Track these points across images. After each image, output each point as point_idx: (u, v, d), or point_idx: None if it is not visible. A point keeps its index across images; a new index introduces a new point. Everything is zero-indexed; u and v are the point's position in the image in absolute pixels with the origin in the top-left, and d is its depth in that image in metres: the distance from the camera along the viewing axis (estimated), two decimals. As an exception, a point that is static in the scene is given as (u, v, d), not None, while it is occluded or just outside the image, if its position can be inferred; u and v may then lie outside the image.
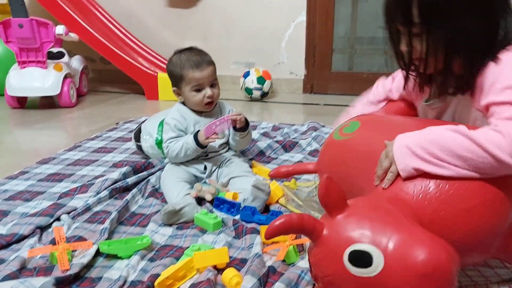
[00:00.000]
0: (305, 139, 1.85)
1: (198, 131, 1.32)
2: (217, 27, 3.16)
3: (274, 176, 1.29)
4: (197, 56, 1.35)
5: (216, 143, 1.39)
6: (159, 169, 1.46)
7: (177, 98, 1.42)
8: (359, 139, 0.90)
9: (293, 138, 1.87)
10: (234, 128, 1.37)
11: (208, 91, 1.34)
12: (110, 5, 3.16)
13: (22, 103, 2.59)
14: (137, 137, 1.61)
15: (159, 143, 1.53)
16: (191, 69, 1.32)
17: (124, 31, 3.08)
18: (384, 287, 0.60)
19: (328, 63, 3.05)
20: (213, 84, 1.36)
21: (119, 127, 2.12)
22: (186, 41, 3.10)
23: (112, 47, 2.80)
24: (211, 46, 2.85)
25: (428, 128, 0.77)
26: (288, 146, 1.77)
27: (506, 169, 0.71)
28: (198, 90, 1.34)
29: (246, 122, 1.38)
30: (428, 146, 0.73)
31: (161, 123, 1.51)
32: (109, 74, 3.35)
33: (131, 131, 1.98)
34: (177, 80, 1.36)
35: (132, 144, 1.72)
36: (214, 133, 1.31)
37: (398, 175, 0.76)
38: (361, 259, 0.61)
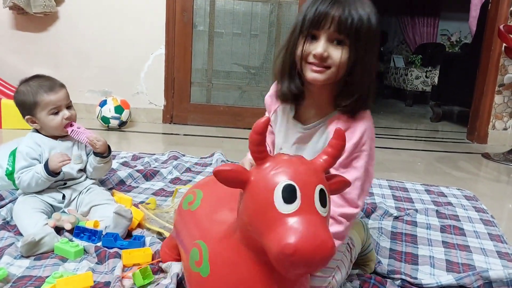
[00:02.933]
0: (166, 167, 1.91)
1: (48, 159, 1.29)
2: (70, 55, 3.06)
3: None
4: (48, 81, 1.35)
5: (74, 169, 1.37)
6: (10, 201, 1.37)
7: (31, 126, 1.37)
8: (201, 209, 0.90)
9: (154, 167, 1.92)
10: (94, 153, 1.39)
11: (66, 113, 1.34)
12: None
13: None
14: (-17, 168, 1.49)
15: (9, 174, 1.44)
16: (46, 94, 1.32)
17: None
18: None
19: (187, 95, 3.17)
20: (69, 106, 1.38)
21: (-44, 158, 1.90)
22: (35, 67, 2.93)
23: None
24: (62, 74, 2.73)
25: None
26: (149, 175, 1.81)
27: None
28: (56, 113, 1.34)
29: (109, 149, 1.41)
30: None
31: (13, 153, 1.43)
32: None
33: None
34: (30, 108, 1.33)
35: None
36: (70, 125, 1.35)
37: None
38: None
